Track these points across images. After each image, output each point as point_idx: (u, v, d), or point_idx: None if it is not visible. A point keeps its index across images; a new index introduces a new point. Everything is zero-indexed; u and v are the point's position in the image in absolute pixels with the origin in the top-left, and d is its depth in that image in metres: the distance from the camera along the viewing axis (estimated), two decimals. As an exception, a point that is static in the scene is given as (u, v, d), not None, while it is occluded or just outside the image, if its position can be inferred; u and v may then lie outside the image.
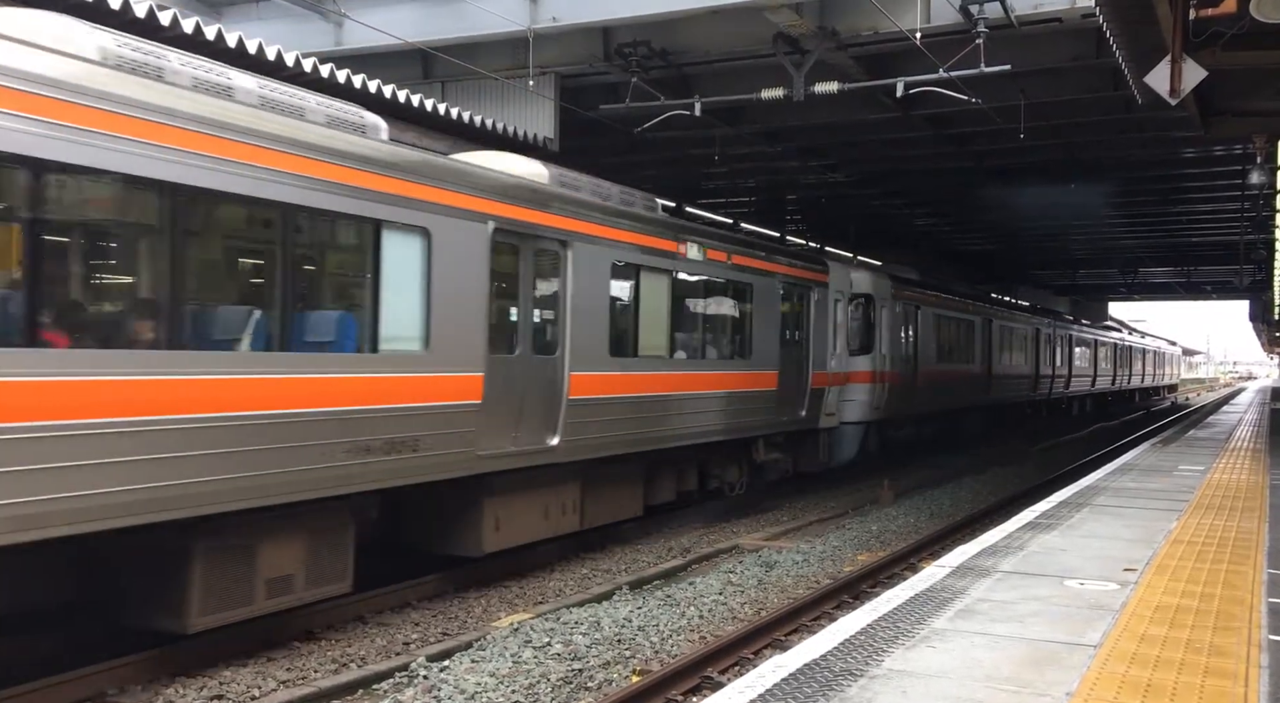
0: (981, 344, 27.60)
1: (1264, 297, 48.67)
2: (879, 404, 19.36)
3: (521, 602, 9.92)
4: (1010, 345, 30.87)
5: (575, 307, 10.55)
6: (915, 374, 21.63)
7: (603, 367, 11.13)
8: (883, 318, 19.71)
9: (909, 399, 21.29)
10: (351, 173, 7.86)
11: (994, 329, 28.64)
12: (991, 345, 28.50)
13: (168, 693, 7.04)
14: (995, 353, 28.93)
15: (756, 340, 14.56)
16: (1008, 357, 30.58)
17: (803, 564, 11.70)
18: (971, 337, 26.71)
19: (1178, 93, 10.05)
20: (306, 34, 15.02)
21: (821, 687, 4.77)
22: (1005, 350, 30.29)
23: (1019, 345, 31.95)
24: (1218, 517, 9.94)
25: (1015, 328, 31.52)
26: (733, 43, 14.75)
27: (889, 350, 19.89)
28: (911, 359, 21.55)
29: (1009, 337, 30.75)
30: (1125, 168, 23.80)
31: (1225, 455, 16.93)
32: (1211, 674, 5.02)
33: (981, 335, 27.53)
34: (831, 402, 16.97)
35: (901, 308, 20.84)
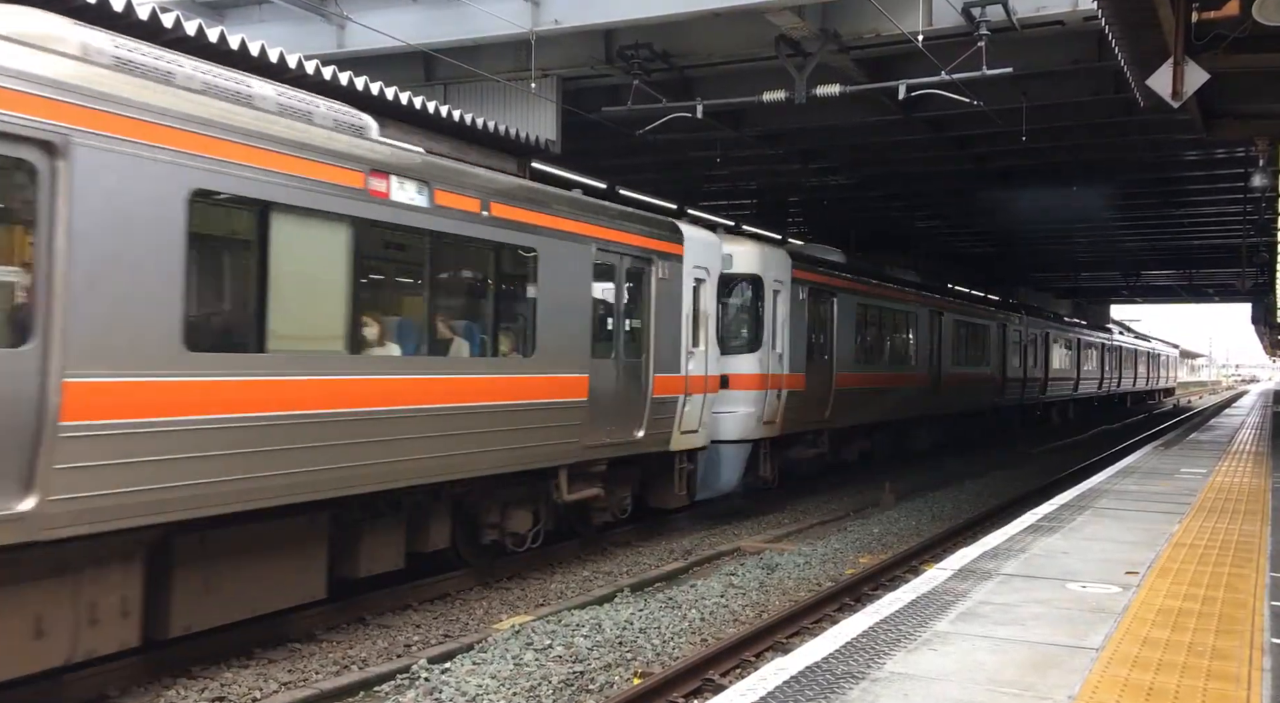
0: (928, 342, 23.03)
1: (1266, 300, 48.60)
2: (772, 417, 15.15)
3: (523, 604, 9.91)
4: (968, 344, 26.49)
5: None
6: (830, 379, 17.35)
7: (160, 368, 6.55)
8: (777, 307, 15.35)
9: (819, 410, 16.99)
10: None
11: (945, 324, 24.08)
12: (942, 344, 23.94)
13: (169, 695, 7.04)
14: (947, 352, 24.30)
15: (546, 331, 10.20)
16: (964, 357, 26.06)
17: (804, 567, 11.68)
18: (914, 333, 22.29)
19: (1180, 95, 10.05)
20: (308, 36, 15.04)
21: (823, 690, 4.76)
22: (961, 349, 25.73)
23: (979, 344, 27.61)
24: (1220, 520, 9.93)
25: (975, 324, 27.06)
26: (734, 45, 14.76)
27: (787, 348, 15.51)
28: (825, 360, 17.34)
29: (966, 334, 26.28)
30: (1127, 170, 23.81)
31: (1227, 459, 16.91)
32: (1214, 678, 5.01)
33: (928, 332, 22.99)
34: (692, 415, 12.67)
35: (808, 295, 16.46)
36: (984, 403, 28.05)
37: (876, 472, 19.89)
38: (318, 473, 7.61)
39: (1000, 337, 29.27)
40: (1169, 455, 17.57)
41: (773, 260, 15.54)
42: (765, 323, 15.10)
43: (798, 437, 16.49)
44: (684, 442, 12.67)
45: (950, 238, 36.63)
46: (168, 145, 6.59)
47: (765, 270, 15.21)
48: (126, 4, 8.63)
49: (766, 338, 15.08)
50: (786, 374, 15.47)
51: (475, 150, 13.43)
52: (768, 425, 15.12)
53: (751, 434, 14.71)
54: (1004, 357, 29.60)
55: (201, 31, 9.45)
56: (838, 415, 17.70)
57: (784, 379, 15.41)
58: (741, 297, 15.11)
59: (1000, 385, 29.25)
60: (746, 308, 15.15)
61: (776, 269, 15.52)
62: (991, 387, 28.47)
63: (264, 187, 7.24)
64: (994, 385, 28.64)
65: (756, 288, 15.09)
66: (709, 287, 13.14)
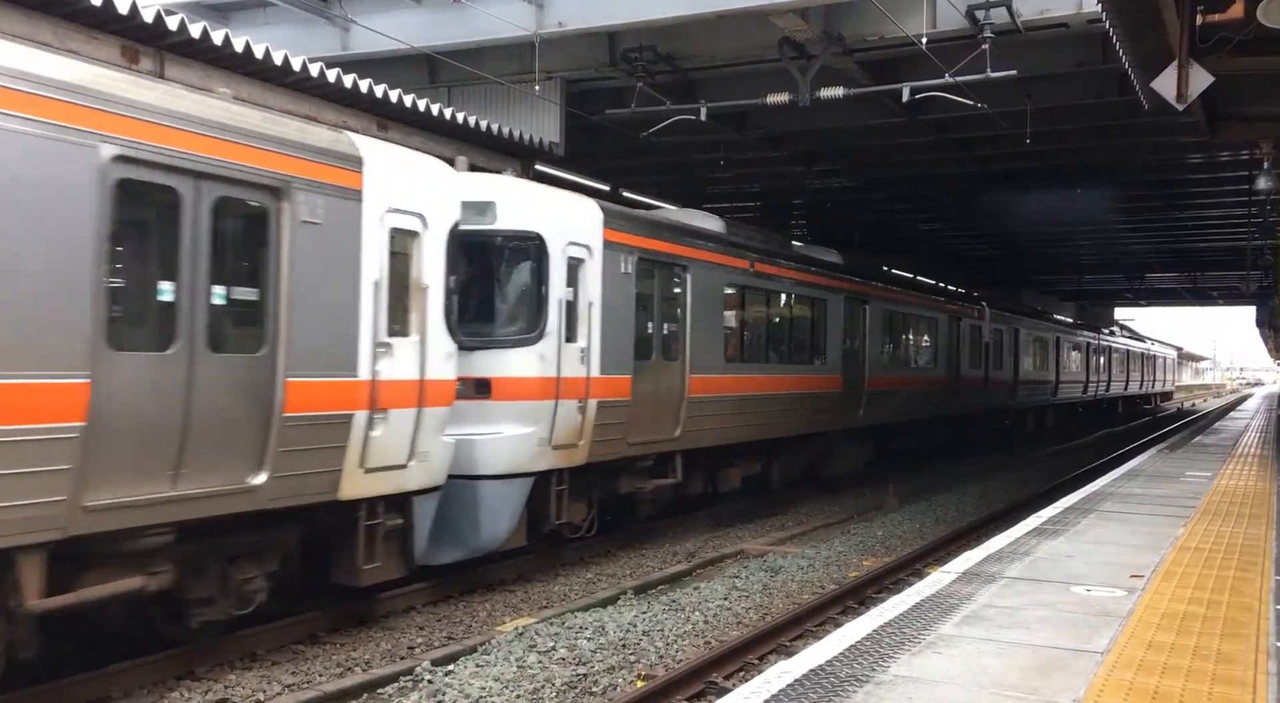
0: (846, 337, 18.29)
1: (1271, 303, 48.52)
2: (570, 438, 10.72)
3: (526, 606, 9.91)
4: (908, 340, 22.09)
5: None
6: (681, 384, 12.91)
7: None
8: (581, 282, 10.97)
9: (664, 426, 12.52)
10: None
11: (872, 316, 19.43)
12: (866, 338, 19.11)
13: (172, 697, 7.05)
14: (875, 350, 19.57)
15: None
16: (902, 356, 21.67)
17: (808, 570, 11.67)
18: (824, 325, 17.53)
19: (1184, 98, 10.03)
20: (312, 38, 15.05)
21: (827, 693, 4.76)
22: (897, 346, 21.27)
23: (924, 341, 23.22)
24: (1225, 523, 9.91)
25: (917, 316, 22.48)
26: (738, 48, 14.76)
27: (598, 341, 11.13)
28: (672, 359, 12.87)
29: (904, 328, 21.67)
30: (1131, 173, 23.77)
31: (1232, 462, 16.88)
32: (1219, 682, 5.00)
33: (845, 324, 18.26)
34: (390, 442, 8.23)
35: (638, 268, 12.03)
36: (930, 410, 23.12)
37: (879, 475, 19.85)
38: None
39: (953, 333, 24.75)
40: (1174, 459, 17.54)
41: (567, 214, 10.96)
42: (552, 303, 10.43)
43: (627, 463, 12.04)
44: (374, 484, 8.13)
45: (953, 240, 36.60)
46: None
47: (551, 227, 10.57)
48: (132, 7, 8.64)
49: (555, 325, 10.44)
50: (598, 377, 11.02)
51: (478, 152, 13.44)
52: (562, 451, 10.61)
53: (529, 465, 10.19)
54: (957, 356, 24.99)
55: (206, 34, 9.46)
56: (694, 433, 13.09)
57: (595, 384, 10.99)
58: (508, 264, 10.56)
59: (953, 389, 24.52)
60: (518, 281, 10.59)
61: (574, 227, 10.90)
62: (940, 391, 23.64)
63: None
64: (943, 390, 23.89)
65: (536, 252, 10.45)
66: (429, 242, 8.58)
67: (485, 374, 10.11)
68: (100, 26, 8.71)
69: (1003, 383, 29.18)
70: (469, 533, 9.84)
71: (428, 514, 8.98)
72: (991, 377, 27.92)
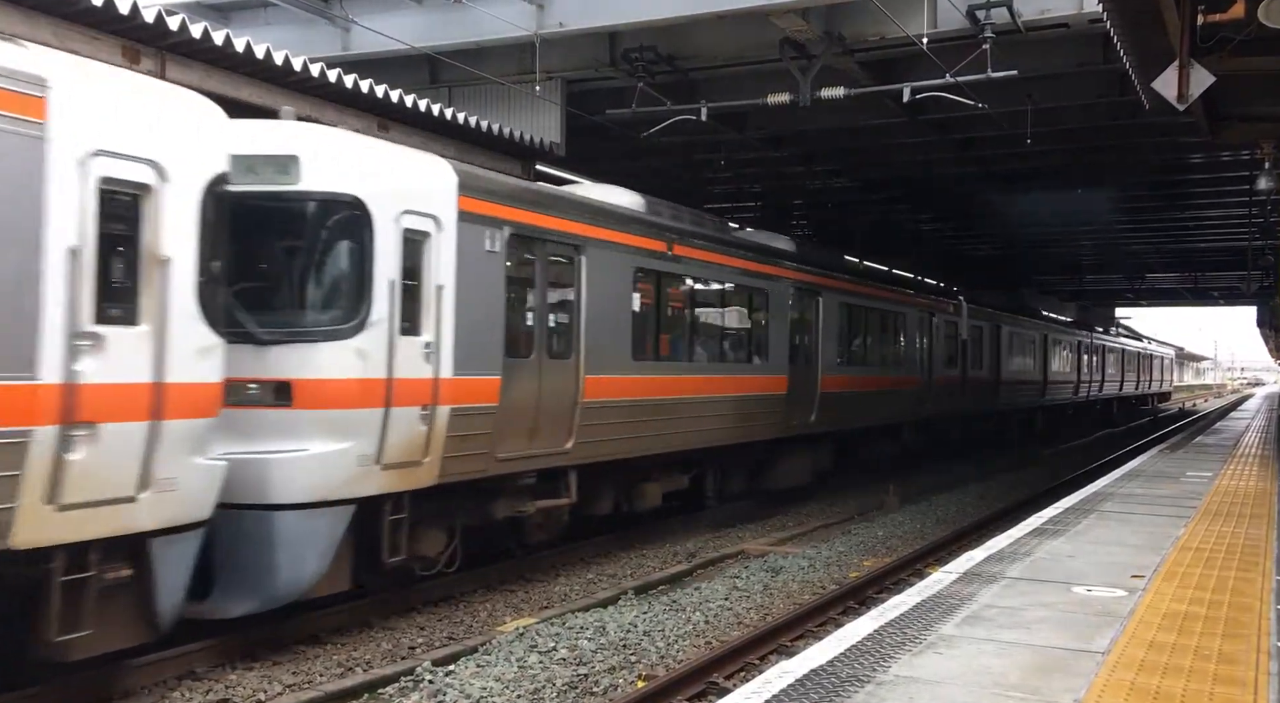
0: (791, 332, 16.06)
1: (1272, 303, 48.52)
2: (409, 453, 8.60)
3: (526, 606, 9.91)
4: (871, 337, 19.73)
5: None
6: (575, 385, 10.79)
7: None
8: (426, 261, 8.84)
9: (550, 436, 10.44)
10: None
11: (823, 308, 17.05)
12: (819, 334, 16.93)
13: (173, 697, 7.05)
14: (830, 348, 17.24)
15: None
16: (863, 354, 19.26)
17: (809, 570, 11.67)
18: (765, 320, 15.36)
19: (1185, 98, 10.03)
20: (314, 39, 15.07)
21: (828, 693, 4.75)
22: (856, 344, 18.91)
23: (891, 338, 20.88)
24: (1226, 523, 9.90)
25: (882, 311, 20.08)
26: (739, 48, 14.76)
27: (450, 334, 9.00)
28: (563, 356, 10.77)
29: (866, 324, 19.42)
30: (1132, 173, 23.77)
31: (1233, 462, 16.87)
32: (1220, 682, 5.00)
33: (791, 316, 16.01)
34: (113, 469, 6.25)
35: (506, 245, 9.76)
36: (898, 414, 20.88)
37: (879, 475, 19.85)
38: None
39: (925, 329, 22.46)
40: (1174, 459, 17.54)
41: (403, 176, 8.75)
42: (379, 287, 8.24)
43: (503, 482, 9.96)
44: (77, 526, 6.07)
45: (954, 241, 36.60)
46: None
47: (378, 191, 8.36)
48: (133, 7, 8.64)
49: (383, 313, 8.26)
50: (452, 379, 8.89)
51: (479, 153, 13.44)
52: (398, 471, 8.45)
53: (347, 489, 8.08)
54: (931, 354, 22.69)
55: (207, 35, 9.46)
56: (592, 444, 10.99)
57: (446, 387, 8.83)
58: (317, 236, 8.35)
59: (924, 391, 22.13)
60: (331, 258, 8.42)
61: (414, 192, 8.72)
62: (910, 393, 21.37)
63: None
64: (914, 392, 21.57)
65: (355, 222, 8.24)
66: (171, 199, 6.59)
67: (284, 376, 7.93)
68: (101, 26, 8.72)
69: (983, 384, 26.77)
70: (263, 578, 7.66)
71: (179, 560, 6.73)
72: (970, 377, 25.47)
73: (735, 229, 18.05)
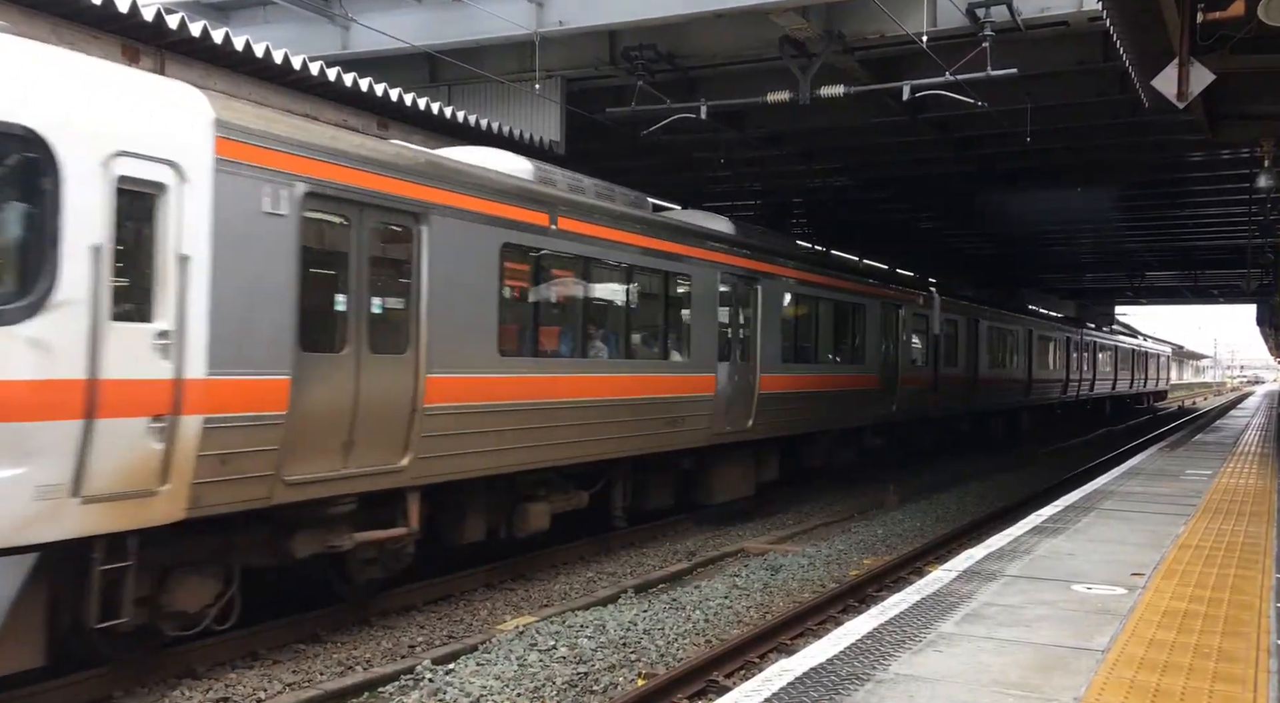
0: (722, 324, 13.83)
1: (1271, 301, 48.52)
2: (138, 478, 6.44)
3: (526, 605, 9.92)
4: (819, 329, 17.41)
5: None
6: (410, 390, 8.64)
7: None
8: (163, 219, 6.70)
9: (363, 452, 8.18)
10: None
11: (762, 297, 14.86)
12: (757, 327, 14.76)
13: (173, 696, 7.05)
14: (765, 342, 14.90)
15: None
16: (811, 348, 17.04)
17: (808, 568, 11.68)
18: (679, 308, 13.25)
19: (1185, 96, 10.02)
20: (313, 38, 15.05)
21: (828, 691, 4.75)
22: (800, 337, 16.50)
23: (846, 331, 18.61)
24: (1226, 521, 9.91)
25: (832, 300, 17.59)
26: (738, 46, 14.75)
27: (203, 318, 6.89)
28: (384, 349, 8.52)
29: (814, 314, 17.09)
30: (1132, 171, 23.76)
31: (1233, 460, 16.87)
32: (1220, 680, 5.00)
33: (721, 306, 13.82)
34: None
35: (299, 207, 7.68)
36: (857, 416, 18.56)
37: (879, 473, 19.85)
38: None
39: (890, 323, 20.30)
40: (1174, 457, 17.54)
41: (114, 103, 6.51)
42: (66, 253, 6.11)
43: (301, 512, 7.83)
44: None
45: (954, 239, 36.58)
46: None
47: (67, 121, 6.20)
48: (132, 5, 8.64)
49: (78, 290, 6.15)
50: (206, 379, 6.84)
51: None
52: (114, 504, 6.33)
53: (18, 532, 5.97)
54: (895, 351, 20.47)
55: (206, 33, 9.46)
56: (439, 459, 8.88)
57: (196, 390, 6.77)
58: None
59: (888, 391, 19.88)
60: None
61: (134, 128, 6.54)
62: (872, 394, 19.13)
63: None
64: (877, 392, 19.35)
65: (28, 165, 6.04)
66: None
67: None
68: (101, 25, 8.72)
69: (959, 383, 24.43)
70: None
71: None
72: (944, 376, 23.13)
73: (662, 209, 15.96)
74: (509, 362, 9.81)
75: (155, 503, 6.58)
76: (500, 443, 9.62)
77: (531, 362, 10.26)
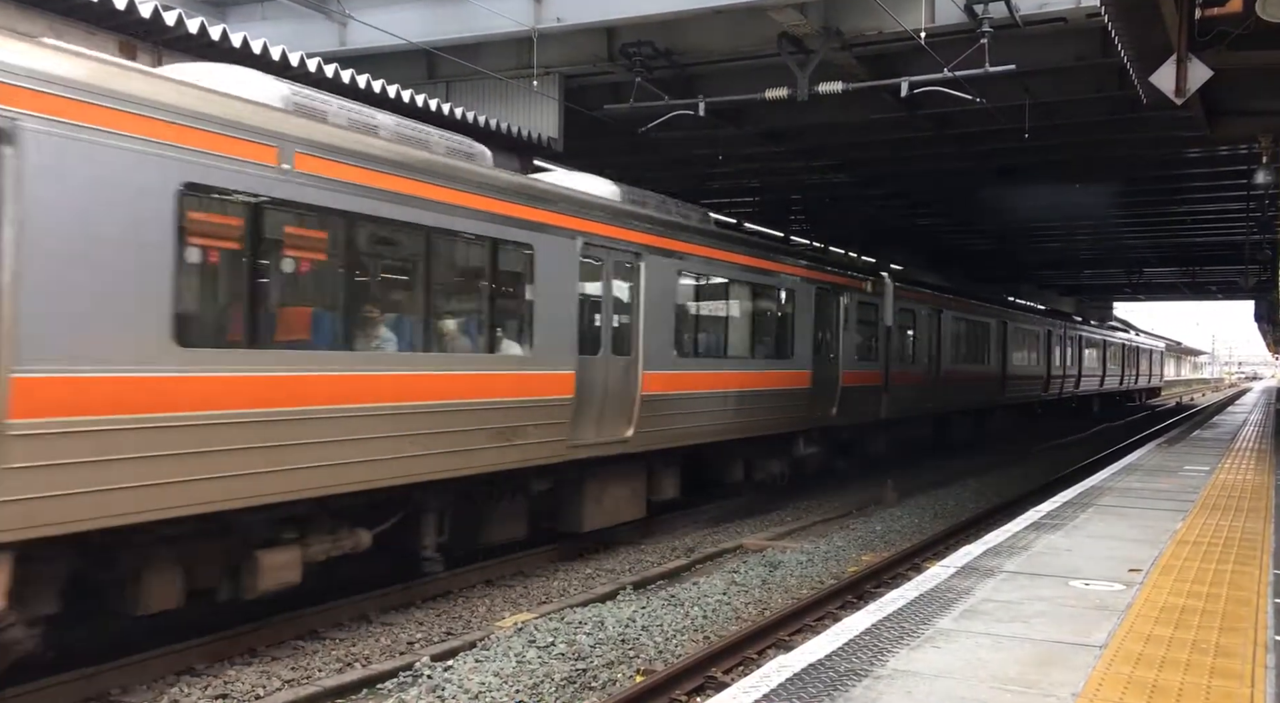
0: (582, 309, 11.01)
1: (1269, 297, 48.59)
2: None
3: (525, 602, 9.92)
4: (729, 317, 14.43)
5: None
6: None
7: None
8: None
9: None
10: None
11: (645, 277, 11.90)
12: (637, 313, 11.82)
13: (172, 693, 7.05)
14: (648, 332, 11.91)
15: None
16: (717, 340, 14.18)
17: (807, 564, 11.69)
18: (515, 287, 10.28)
19: (1183, 92, 10.02)
20: (311, 34, 15.05)
21: (826, 687, 4.76)
22: (700, 327, 13.61)
23: (770, 321, 15.44)
24: (1223, 517, 9.92)
25: (747, 283, 14.50)
26: (737, 43, 14.75)
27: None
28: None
29: (722, 300, 14.27)
30: (1130, 168, 23.79)
31: (1230, 456, 16.89)
32: (1217, 675, 5.01)
33: (581, 285, 10.95)
34: None
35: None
36: (783, 422, 15.48)
37: (878, 470, 19.86)
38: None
39: (827, 312, 16.84)
40: (1172, 453, 17.56)
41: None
42: None
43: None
44: None
45: (953, 235, 36.61)
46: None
47: None
48: (129, 2, 8.63)
49: None
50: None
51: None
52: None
53: None
54: (835, 345, 17.16)
55: (204, 29, 9.45)
56: (49, 501, 5.94)
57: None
58: None
59: (825, 391, 16.62)
60: None
61: None
62: (803, 395, 15.95)
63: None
64: (809, 392, 16.12)
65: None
66: None
67: None
68: (98, 22, 8.71)
69: (918, 381, 21.29)
70: None
71: None
72: (896, 374, 19.84)
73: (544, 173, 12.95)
74: (171, 353, 6.67)
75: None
76: (158, 474, 6.58)
77: (228, 356, 7.10)
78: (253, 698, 7.07)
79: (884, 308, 19.63)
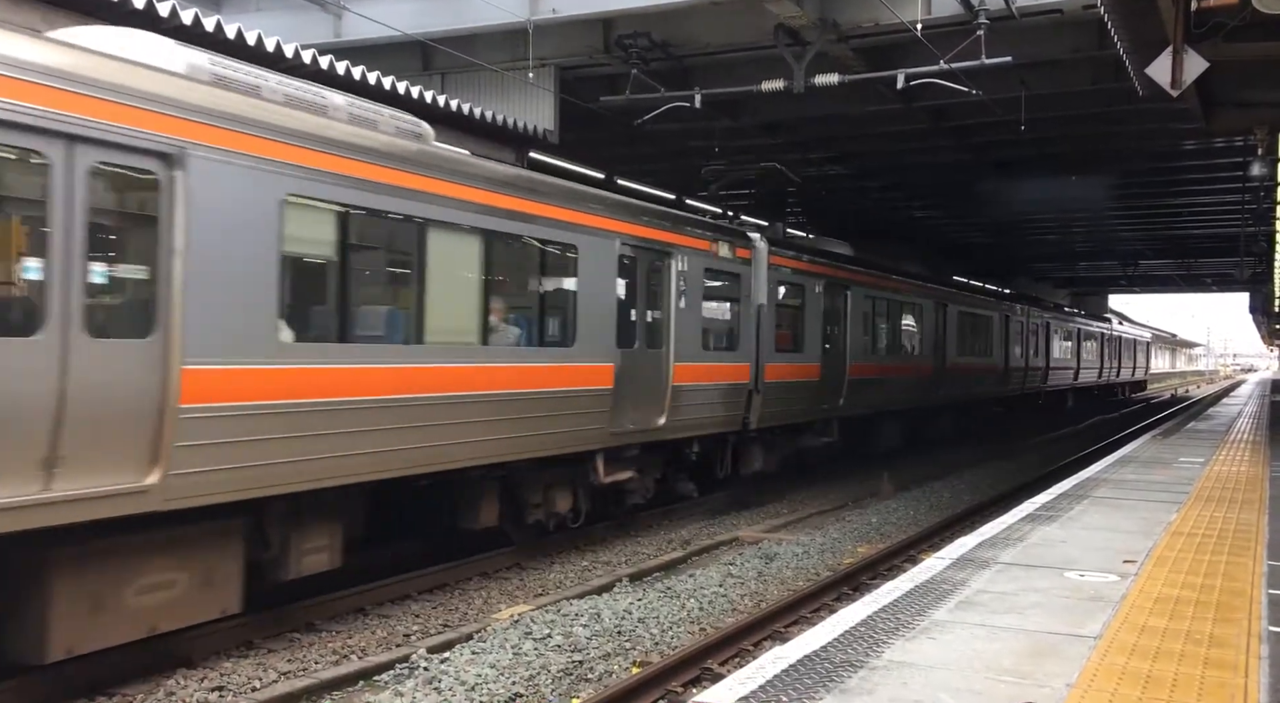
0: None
1: (1264, 289, 48.66)
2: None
3: (521, 594, 9.93)
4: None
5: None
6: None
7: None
8: None
9: None
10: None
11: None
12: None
13: (168, 685, 7.05)
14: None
15: None
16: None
17: (802, 556, 11.71)
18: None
19: (1179, 84, 10.02)
20: (306, 26, 15.00)
21: (821, 678, 4.77)
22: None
23: (522, 289, 10.66)
24: (1218, 509, 9.94)
25: (491, 235, 9.47)
26: (733, 35, 14.72)
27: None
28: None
29: (438, 261, 8.94)
30: (1126, 160, 23.80)
31: (1225, 448, 16.93)
32: (1211, 665, 5.03)
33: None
34: None
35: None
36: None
37: (875, 462, 19.89)
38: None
39: (638, 280, 12.13)
40: (1167, 445, 17.59)
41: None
42: None
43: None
44: None
45: (949, 228, 36.63)
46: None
47: None
48: (122, -7, 8.60)
49: None
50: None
51: (473, 140, 13.40)
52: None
53: None
54: (666, 327, 12.49)
55: (198, 20, 9.42)
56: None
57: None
58: None
59: (652, 393, 12.14)
60: None
61: None
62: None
63: None
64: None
65: None
66: None
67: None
68: (91, 13, 8.68)
69: (809, 375, 16.52)
70: None
71: None
72: (770, 368, 14.96)
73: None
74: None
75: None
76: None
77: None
78: (249, 690, 7.07)
79: (752, 281, 14.77)
